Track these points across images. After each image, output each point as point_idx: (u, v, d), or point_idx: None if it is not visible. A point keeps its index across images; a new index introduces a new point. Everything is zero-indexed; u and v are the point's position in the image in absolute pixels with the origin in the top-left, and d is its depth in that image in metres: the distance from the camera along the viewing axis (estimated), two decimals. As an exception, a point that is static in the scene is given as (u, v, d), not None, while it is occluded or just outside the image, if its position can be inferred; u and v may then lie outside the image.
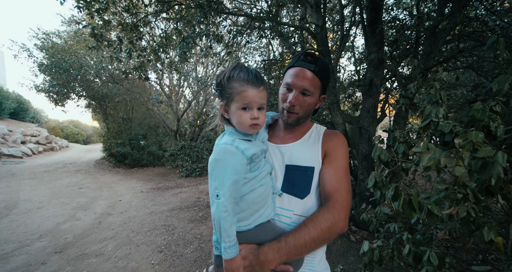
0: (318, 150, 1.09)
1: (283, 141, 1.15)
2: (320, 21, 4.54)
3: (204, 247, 3.64)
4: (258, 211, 0.93)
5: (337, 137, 1.15)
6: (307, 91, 1.04)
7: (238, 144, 0.86)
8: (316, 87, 1.06)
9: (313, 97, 1.07)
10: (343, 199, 0.98)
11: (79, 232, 4.05)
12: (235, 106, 0.89)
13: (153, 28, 4.46)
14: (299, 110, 1.08)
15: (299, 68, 1.06)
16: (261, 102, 0.91)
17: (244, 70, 0.89)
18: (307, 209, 1.02)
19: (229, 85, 0.88)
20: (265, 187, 0.95)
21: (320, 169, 1.06)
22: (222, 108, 0.95)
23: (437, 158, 1.36)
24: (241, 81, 0.87)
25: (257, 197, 0.92)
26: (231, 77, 0.88)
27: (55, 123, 22.35)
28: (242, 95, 0.87)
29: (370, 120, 4.09)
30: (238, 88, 0.87)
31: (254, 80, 0.89)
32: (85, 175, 9.04)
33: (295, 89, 1.04)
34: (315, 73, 1.04)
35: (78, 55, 8.27)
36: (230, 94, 0.89)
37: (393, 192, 1.44)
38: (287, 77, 1.10)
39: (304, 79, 1.03)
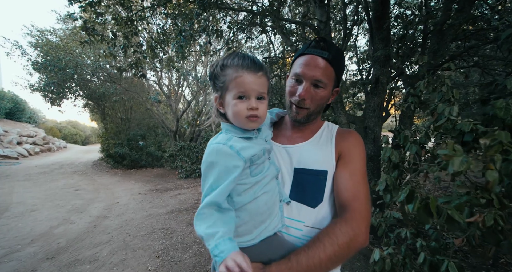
0: (331, 151, 0.95)
1: (291, 141, 1.01)
2: (323, 17, 4.40)
3: (203, 251, 3.49)
4: (263, 222, 0.81)
5: (353, 136, 1.00)
6: (320, 83, 0.90)
7: (233, 142, 0.75)
8: (329, 78, 0.92)
9: (326, 90, 0.93)
10: (363, 208, 0.84)
11: (73, 236, 3.89)
12: (230, 96, 0.78)
13: (149, 23, 4.28)
14: (310, 104, 0.94)
15: (310, 56, 0.91)
16: (260, 91, 0.78)
17: (239, 56, 0.79)
18: (320, 220, 0.89)
19: (223, 73, 0.78)
20: (270, 194, 0.83)
21: (334, 173, 0.93)
22: (216, 101, 0.82)
23: (470, 161, 1.21)
24: (236, 67, 0.77)
25: (261, 206, 0.79)
26: (224, 64, 0.78)
27: (52, 124, 22.16)
28: (237, 82, 0.76)
29: (376, 120, 3.95)
30: (232, 74, 0.76)
31: (251, 64, 0.77)
32: (82, 176, 8.86)
33: (306, 80, 0.90)
34: (328, 61, 0.90)
35: (73, 54, 8.10)
36: (224, 83, 0.78)
37: (407, 193, 1.29)
38: (295, 67, 0.95)
39: (316, 69, 0.89)
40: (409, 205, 1.25)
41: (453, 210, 1.09)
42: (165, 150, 11.04)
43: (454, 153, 1.26)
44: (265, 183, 0.82)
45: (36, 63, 8.06)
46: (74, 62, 8.05)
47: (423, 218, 1.24)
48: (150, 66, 6.81)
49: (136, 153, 10.78)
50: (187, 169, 8.93)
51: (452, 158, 1.24)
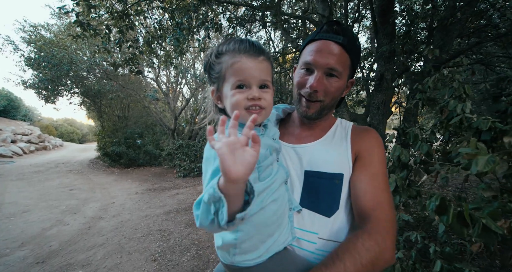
0: (346, 151, 0.84)
1: (300, 140, 0.89)
2: (326, 11, 4.26)
3: (202, 254, 3.36)
4: (271, 236, 0.70)
5: (371, 135, 0.88)
6: (334, 71, 0.79)
7: None
8: (344, 66, 0.80)
9: (340, 80, 0.81)
10: (388, 218, 0.73)
11: (66, 238, 3.74)
12: (228, 87, 0.68)
13: (146, 18, 4.11)
14: (324, 97, 0.81)
15: (322, 42, 0.80)
16: (262, 78, 0.67)
17: (235, 40, 0.69)
18: (336, 231, 0.79)
19: (218, 61, 0.69)
20: (279, 202, 0.71)
21: (351, 176, 0.82)
22: (213, 95, 0.74)
23: (497, 161, 1.07)
24: (232, 52, 0.67)
25: (269, 217, 0.68)
26: (220, 51, 0.69)
27: (48, 122, 21.92)
28: (234, 69, 0.66)
29: (380, 118, 3.83)
30: (229, 61, 0.67)
31: (249, 48, 0.67)
32: (77, 175, 8.69)
33: (318, 69, 0.79)
34: (343, 47, 0.79)
35: (68, 49, 7.89)
36: (220, 73, 0.69)
37: (439, 202, 1.16)
38: (305, 55, 0.83)
39: (329, 56, 0.78)
40: (442, 216, 1.11)
41: (488, 219, 0.95)
42: (163, 148, 10.88)
43: (478, 152, 1.13)
44: (274, 189, 0.70)
45: (29, 59, 7.86)
46: (68, 58, 7.85)
47: (457, 229, 1.11)
48: (147, 62, 6.63)
49: (133, 152, 10.62)
50: (186, 168, 8.78)
51: (476, 157, 1.11)
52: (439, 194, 1.27)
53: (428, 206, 1.28)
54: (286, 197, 0.75)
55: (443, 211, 1.20)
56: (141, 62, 7.19)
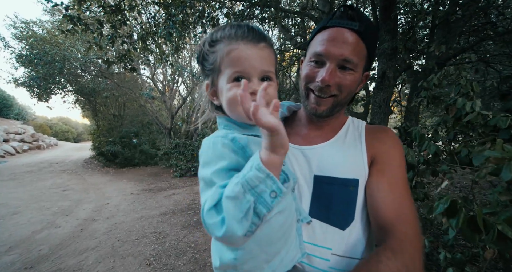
0: (361, 154, 0.75)
1: (308, 141, 0.79)
2: (326, 7, 4.16)
3: (198, 257, 3.24)
4: (278, 254, 0.60)
5: (388, 135, 0.79)
6: (348, 63, 0.69)
7: (237, 135, 0.57)
8: (360, 56, 0.71)
9: (356, 73, 0.72)
10: (413, 232, 0.63)
11: (57, 242, 3.59)
12: (224, 80, 0.58)
13: (140, 13, 3.97)
14: (337, 91, 0.71)
15: (336, 29, 0.70)
16: (264, 68, 0.57)
17: (231, 25, 0.60)
18: (352, 246, 0.69)
19: (212, 50, 0.59)
20: (287, 213, 0.60)
21: (367, 182, 0.73)
22: (208, 90, 0.64)
23: None
24: (228, 38, 0.58)
25: (275, 231, 0.58)
26: (214, 39, 0.60)
27: (43, 121, 21.60)
28: (231, 59, 0.56)
29: (382, 117, 3.73)
30: (224, 49, 0.57)
31: (248, 33, 0.58)
32: (71, 175, 8.50)
33: (330, 60, 0.69)
34: (359, 34, 0.68)
35: (61, 47, 7.69)
36: (214, 64, 0.59)
37: (448, 204, 1.05)
38: (315, 44, 0.73)
39: (343, 45, 0.68)
40: (451, 220, 1.01)
41: (504, 225, 0.85)
42: (160, 148, 10.74)
43: (507, 155, 1.02)
44: None
45: (21, 56, 7.63)
46: (61, 55, 7.65)
47: (468, 235, 1.01)
48: (142, 60, 6.47)
49: (129, 151, 10.46)
50: (182, 167, 8.65)
51: (505, 162, 1.00)
52: (449, 196, 1.17)
53: (435, 208, 1.18)
54: (293, 206, 0.65)
55: (453, 214, 1.09)
56: (136, 60, 7.03)
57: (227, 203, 0.43)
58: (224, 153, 0.53)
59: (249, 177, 0.42)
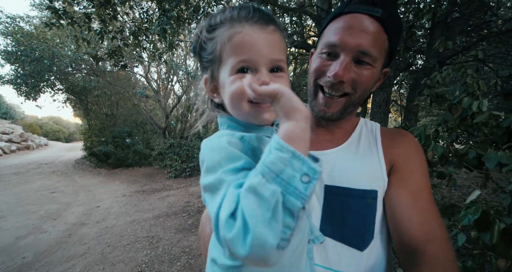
0: (379, 161, 0.65)
1: (317, 146, 0.70)
2: (325, 4, 4.05)
3: (193, 263, 3.10)
4: None
5: (408, 139, 0.69)
6: (367, 56, 0.58)
7: (246, 134, 0.45)
8: (381, 49, 0.60)
9: (374, 69, 0.61)
10: (446, 254, 0.54)
11: (42, 248, 3.40)
12: (226, 71, 0.47)
13: (132, 7, 3.79)
14: (351, 89, 0.62)
15: (354, 16, 0.59)
16: (274, 57, 0.46)
17: (233, 7, 0.50)
18: (370, 269, 0.59)
19: (211, 36, 0.49)
20: (301, 235, 0.49)
21: (387, 194, 0.63)
22: (207, 85, 0.53)
23: None
24: (230, 21, 0.47)
25: (288, 257, 0.46)
26: (213, 24, 0.49)
27: (32, 120, 21.10)
28: (234, 44, 0.45)
29: (382, 116, 3.65)
30: (225, 34, 0.46)
31: (253, 14, 0.47)
32: (61, 176, 8.23)
33: (345, 52, 0.59)
34: (382, 23, 0.57)
35: (49, 43, 7.41)
36: (214, 52, 0.48)
37: (478, 216, 0.93)
38: (328, 34, 0.62)
39: (362, 34, 0.57)
40: (484, 234, 0.89)
41: None
42: (154, 148, 10.53)
43: None
44: None
45: (6, 52, 7.32)
46: (50, 52, 7.38)
47: (501, 250, 0.90)
48: (135, 57, 6.27)
49: (122, 151, 10.21)
50: (177, 168, 8.47)
51: None
52: (479, 205, 1.05)
53: (462, 218, 1.06)
54: (308, 226, 0.53)
55: (485, 227, 0.98)
56: (128, 57, 6.82)
57: (248, 202, 0.31)
58: (234, 153, 0.40)
59: (270, 161, 0.32)
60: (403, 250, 0.57)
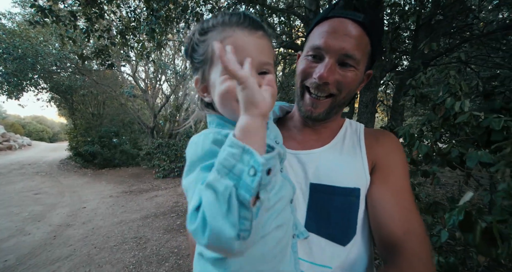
0: (361, 160, 0.69)
1: (304, 145, 0.74)
2: (313, 5, 4.12)
3: (182, 264, 3.10)
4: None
5: (389, 139, 0.73)
6: (350, 59, 0.63)
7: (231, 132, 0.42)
8: (364, 52, 0.64)
9: (358, 71, 0.64)
10: (423, 249, 0.57)
11: (26, 251, 3.31)
12: (217, 72, 0.50)
13: (120, 6, 3.73)
14: (336, 90, 0.64)
15: (337, 20, 0.63)
16: (262, 60, 0.50)
17: (225, 12, 0.54)
18: (352, 263, 0.63)
19: (204, 39, 0.52)
20: (284, 229, 0.53)
21: (369, 192, 0.66)
22: (198, 86, 0.56)
23: None
24: (222, 25, 0.51)
25: (271, 248, 0.50)
26: (205, 28, 0.53)
27: (15, 119, 20.31)
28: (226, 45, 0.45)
29: (369, 116, 3.75)
30: (217, 37, 0.50)
31: (244, 20, 0.51)
32: (45, 177, 7.98)
33: (330, 55, 0.62)
34: (364, 27, 0.62)
35: (33, 41, 7.17)
36: (205, 54, 0.52)
37: (463, 217, 0.98)
38: (314, 37, 0.66)
39: (345, 38, 0.61)
40: (467, 234, 0.94)
41: None
42: (142, 148, 10.37)
43: None
44: (279, 209, 0.53)
45: (-13, 50, 7.04)
46: (33, 50, 7.14)
47: (483, 250, 0.94)
48: (122, 56, 6.16)
49: (108, 151, 10.01)
50: (165, 168, 8.39)
51: None
52: (463, 206, 1.10)
53: (448, 220, 1.10)
54: (292, 221, 0.57)
55: (469, 228, 1.02)
56: (115, 56, 6.69)
57: (206, 197, 0.33)
58: (216, 151, 0.41)
59: (223, 157, 0.34)
60: (383, 245, 0.61)
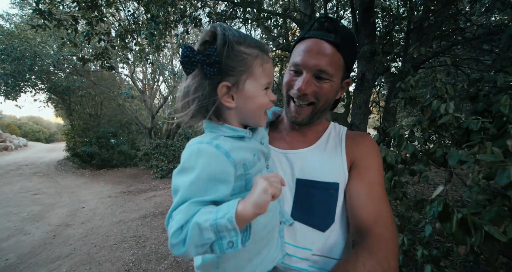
0: (341, 159, 0.78)
1: (292, 146, 0.83)
2: (308, 10, 4.23)
3: (180, 262, 3.17)
4: (260, 253, 0.62)
5: (367, 141, 0.83)
6: (324, 73, 0.72)
7: (221, 141, 0.55)
8: (337, 66, 0.74)
9: (332, 82, 0.75)
10: (390, 234, 0.67)
11: (26, 250, 3.36)
12: (256, 86, 0.60)
13: (119, 9, 3.81)
14: (315, 99, 0.75)
15: (313, 40, 0.73)
16: (272, 80, 0.65)
17: (249, 36, 0.60)
18: (331, 246, 0.72)
19: (237, 51, 0.56)
20: (270, 215, 0.63)
21: (347, 186, 0.76)
22: (224, 92, 0.57)
23: None
24: (256, 48, 0.58)
25: (259, 231, 0.59)
26: (236, 41, 0.56)
27: (10, 120, 20.18)
28: (265, 69, 0.60)
29: (362, 117, 3.86)
30: (259, 58, 0.58)
31: (266, 49, 0.62)
32: (42, 178, 8.00)
33: (306, 70, 0.73)
34: (336, 46, 0.72)
35: (31, 42, 7.20)
36: (245, 66, 0.57)
37: (441, 208, 1.09)
38: (295, 54, 0.77)
39: (319, 56, 0.72)
40: (445, 224, 1.04)
41: (490, 226, 0.90)
42: (139, 148, 10.40)
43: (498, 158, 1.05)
44: None
45: (-15, 52, 7.05)
46: (32, 51, 7.17)
47: (459, 238, 1.05)
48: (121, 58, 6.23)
49: (106, 152, 10.03)
50: (163, 168, 8.44)
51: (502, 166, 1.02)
52: (442, 198, 1.21)
53: (428, 212, 1.21)
54: (277, 209, 0.67)
55: (446, 218, 1.13)
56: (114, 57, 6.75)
57: (194, 231, 0.44)
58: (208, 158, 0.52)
59: (220, 223, 0.44)
60: (356, 230, 0.70)
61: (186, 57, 0.52)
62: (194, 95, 0.57)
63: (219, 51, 0.53)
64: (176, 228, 0.45)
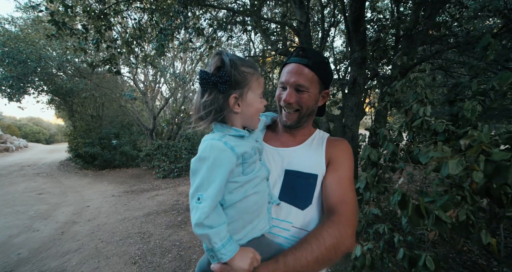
0: (321, 156, 1.00)
1: (284, 144, 1.06)
2: (303, 18, 4.45)
3: (183, 255, 3.37)
4: (251, 222, 0.81)
5: (342, 144, 1.07)
6: (301, 87, 0.97)
7: (227, 139, 0.76)
8: (311, 81, 0.98)
9: (310, 93, 0.99)
10: (350, 212, 0.89)
11: (36, 245, 3.56)
12: (255, 95, 0.83)
13: (125, 18, 4.03)
14: (298, 107, 0.99)
15: (292, 65, 1.00)
16: None
17: (246, 60, 0.85)
18: (308, 222, 0.93)
19: (240, 71, 0.78)
20: (260, 195, 0.83)
21: (323, 178, 0.98)
22: (233, 102, 0.79)
23: (463, 164, 1.24)
24: (251, 67, 0.82)
25: (251, 205, 0.80)
26: (238, 64, 0.78)
27: (11, 121, 20.28)
28: (259, 83, 0.84)
29: (354, 119, 4.08)
30: (254, 75, 0.81)
31: (257, 67, 0.86)
32: (46, 178, 8.18)
33: (289, 86, 0.97)
34: (308, 66, 0.97)
35: (36, 45, 7.39)
36: (245, 81, 0.79)
37: (400, 198, 1.32)
38: (281, 75, 1.04)
39: (296, 75, 0.96)
40: (403, 211, 1.27)
41: (440, 211, 1.13)
42: (141, 149, 10.57)
43: (445, 155, 1.30)
44: (256, 183, 0.82)
45: (-8, 55, 7.24)
46: (37, 54, 7.36)
47: (415, 221, 1.28)
48: (125, 61, 6.44)
49: (108, 152, 10.19)
50: (165, 169, 8.63)
51: (446, 160, 1.27)
52: (401, 190, 1.44)
53: (392, 201, 1.45)
54: (266, 191, 0.88)
55: (404, 205, 1.37)
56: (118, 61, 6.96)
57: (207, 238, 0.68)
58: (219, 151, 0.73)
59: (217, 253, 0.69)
60: (326, 209, 0.92)
61: (203, 79, 0.74)
62: (211, 107, 0.76)
63: (228, 72, 0.74)
64: (197, 222, 0.67)
